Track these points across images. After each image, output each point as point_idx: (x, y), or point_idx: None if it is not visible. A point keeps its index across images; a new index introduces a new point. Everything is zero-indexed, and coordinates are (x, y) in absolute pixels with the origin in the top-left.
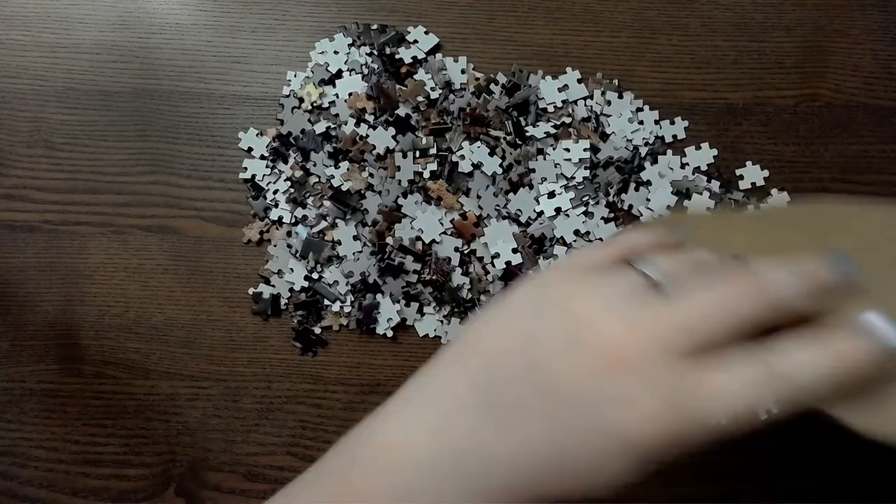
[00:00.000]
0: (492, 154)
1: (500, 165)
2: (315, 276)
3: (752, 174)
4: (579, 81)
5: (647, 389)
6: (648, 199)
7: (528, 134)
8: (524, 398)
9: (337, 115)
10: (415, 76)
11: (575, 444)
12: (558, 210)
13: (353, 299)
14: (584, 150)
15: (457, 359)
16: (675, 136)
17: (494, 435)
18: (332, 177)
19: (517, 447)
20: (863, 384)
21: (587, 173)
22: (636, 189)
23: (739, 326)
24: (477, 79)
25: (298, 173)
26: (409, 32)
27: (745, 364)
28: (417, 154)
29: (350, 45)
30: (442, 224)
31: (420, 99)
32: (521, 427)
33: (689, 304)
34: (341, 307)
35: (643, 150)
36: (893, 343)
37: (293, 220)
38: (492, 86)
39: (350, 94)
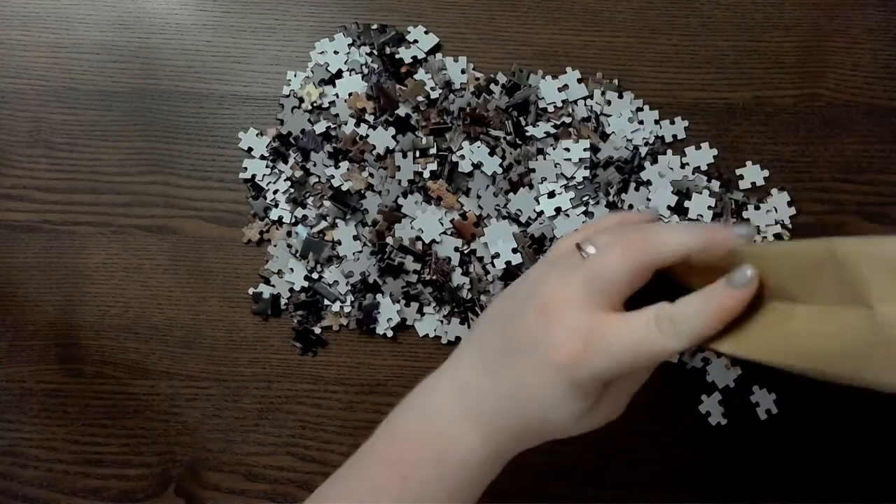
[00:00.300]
0: (492, 154)
1: (500, 165)
2: (315, 276)
3: (752, 174)
4: (579, 81)
5: (564, 329)
6: (649, 199)
7: (528, 134)
8: (500, 354)
9: (337, 115)
10: (415, 76)
11: (527, 377)
12: (558, 210)
13: (353, 299)
14: (584, 149)
15: (470, 335)
16: (675, 136)
17: (485, 380)
18: (332, 177)
19: (497, 386)
20: (728, 322)
21: (587, 173)
22: (636, 189)
23: (629, 274)
24: (477, 79)
25: (298, 173)
26: (409, 32)
27: (644, 312)
28: (417, 154)
29: (350, 45)
30: (442, 224)
31: (420, 99)
32: (499, 373)
33: (592, 262)
34: (341, 307)
35: (643, 150)
36: (744, 280)
37: (293, 220)
38: (492, 86)
39: (350, 94)
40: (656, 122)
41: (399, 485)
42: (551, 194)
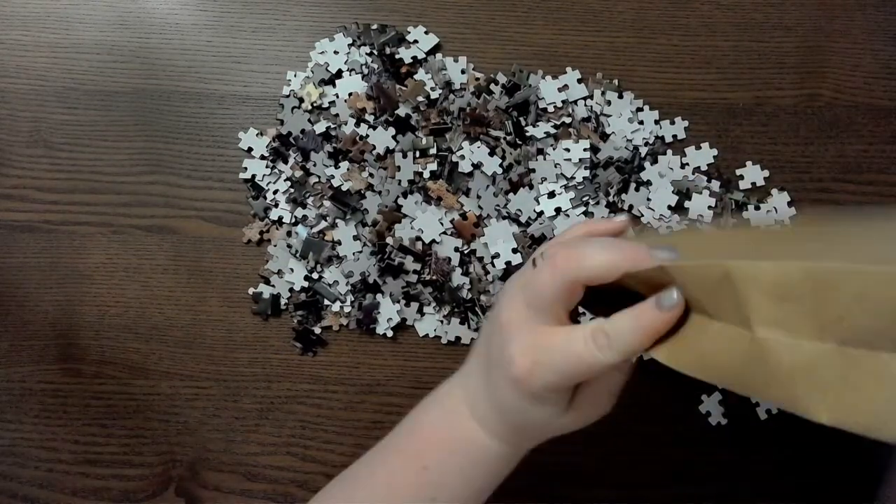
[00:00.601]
0: (492, 154)
1: (500, 165)
2: (315, 276)
3: (752, 174)
4: (579, 81)
5: (517, 347)
6: (649, 199)
7: (528, 134)
8: (487, 364)
9: (337, 115)
10: (415, 76)
11: (501, 389)
12: (558, 210)
13: (353, 299)
14: (584, 150)
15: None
16: (675, 136)
17: (483, 388)
18: (332, 177)
19: (490, 394)
20: (658, 338)
21: (587, 173)
22: (636, 189)
23: (555, 291)
24: (477, 79)
25: (298, 173)
26: (409, 32)
27: (582, 328)
28: (417, 154)
29: (350, 45)
30: (442, 224)
31: (420, 99)
32: (488, 382)
33: (529, 281)
34: (341, 307)
35: (643, 150)
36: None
37: (293, 220)
38: (492, 86)
39: (350, 94)
40: (656, 122)
41: (419, 473)
42: (551, 194)
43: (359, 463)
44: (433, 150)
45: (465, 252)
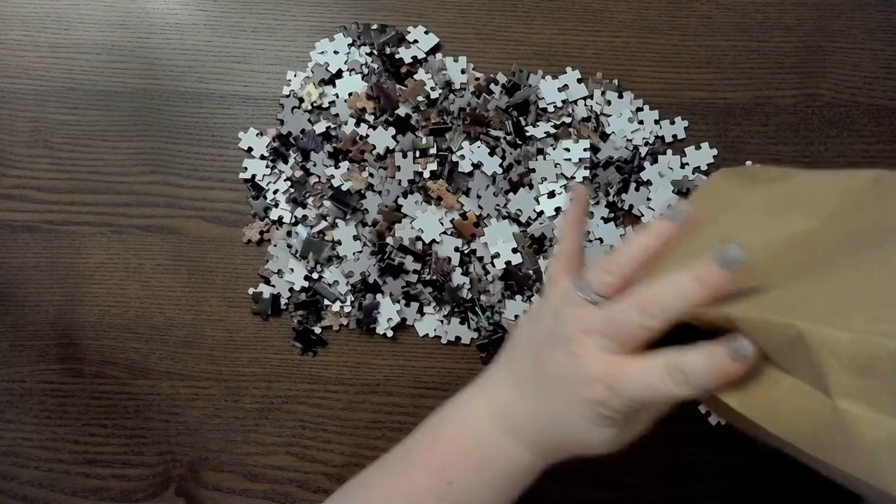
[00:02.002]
0: (492, 154)
1: (500, 165)
2: (315, 276)
3: None
4: (579, 81)
5: (591, 368)
6: (649, 199)
7: (528, 134)
8: (533, 381)
9: (337, 115)
10: (415, 76)
11: (561, 407)
12: (558, 210)
13: (353, 299)
14: (584, 149)
15: (501, 357)
16: (675, 136)
17: (520, 402)
18: (332, 177)
19: (533, 409)
20: (734, 378)
21: (587, 173)
22: (636, 189)
23: (648, 335)
24: (477, 79)
25: (298, 173)
26: (409, 32)
27: (657, 359)
28: (417, 154)
29: (350, 45)
30: (442, 224)
31: (420, 99)
32: (533, 398)
33: (613, 320)
34: (341, 307)
35: (643, 150)
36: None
37: (293, 220)
38: (492, 86)
39: (350, 94)
40: (656, 122)
41: (444, 488)
42: (551, 194)
43: (371, 472)
44: (433, 150)
45: (465, 252)
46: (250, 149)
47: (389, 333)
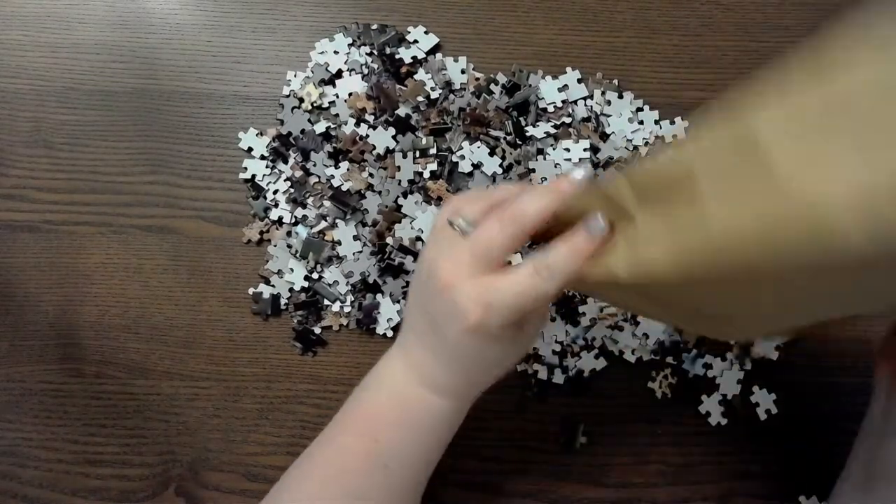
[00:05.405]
0: (492, 154)
1: (500, 165)
2: (315, 276)
3: None
4: (579, 81)
5: (466, 298)
6: None
7: (528, 134)
8: (430, 332)
9: (337, 115)
10: (415, 76)
11: (455, 344)
12: None
13: (353, 299)
14: (584, 150)
15: (404, 319)
16: (675, 136)
17: (428, 355)
18: (332, 177)
19: (439, 358)
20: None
21: None
22: None
23: (509, 242)
24: (477, 79)
25: (298, 173)
26: (409, 32)
27: (524, 265)
28: (417, 154)
29: (350, 45)
30: None
31: (420, 99)
32: (436, 347)
33: (476, 238)
34: (341, 307)
35: (643, 150)
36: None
37: (293, 220)
38: (492, 86)
39: (350, 94)
40: (656, 122)
41: (372, 446)
42: None
43: (312, 445)
44: (433, 150)
45: None
46: (250, 149)
47: (389, 333)
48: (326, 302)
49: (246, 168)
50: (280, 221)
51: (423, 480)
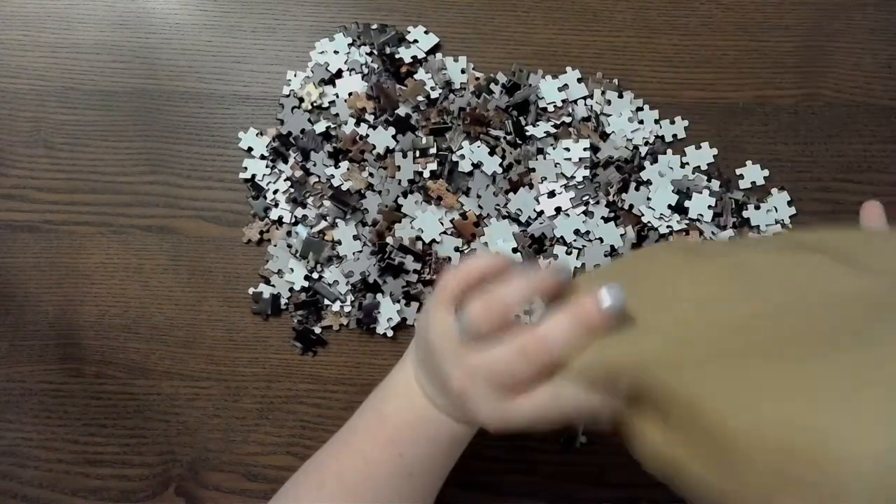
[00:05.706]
0: (492, 154)
1: (500, 165)
2: (315, 276)
3: (753, 173)
4: (579, 81)
5: (482, 413)
6: (649, 199)
7: (528, 133)
8: (439, 394)
9: (337, 115)
10: (415, 76)
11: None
12: (558, 209)
13: (353, 299)
14: (584, 149)
15: (412, 364)
16: (675, 136)
17: (432, 388)
18: (332, 177)
19: (433, 391)
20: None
21: (587, 173)
22: (636, 188)
23: (530, 369)
24: (477, 78)
25: (298, 173)
26: (409, 32)
27: (541, 391)
28: (417, 154)
29: (350, 45)
30: (442, 224)
31: (420, 99)
32: (432, 384)
33: (491, 360)
34: (341, 307)
35: (643, 150)
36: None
37: (293, 220)
38: (492, 85)
39: (350, 94)
40: (656, 121)
41: (396, 460)
42: (551, 194)
43: (322, 454)
44: (433, 150)
45: (465, 252)
46: (250, 149)
47: (389, 333)
48: (326, 302)
49: (246, 168)
50: (280, 221)
51: (439, 487)
